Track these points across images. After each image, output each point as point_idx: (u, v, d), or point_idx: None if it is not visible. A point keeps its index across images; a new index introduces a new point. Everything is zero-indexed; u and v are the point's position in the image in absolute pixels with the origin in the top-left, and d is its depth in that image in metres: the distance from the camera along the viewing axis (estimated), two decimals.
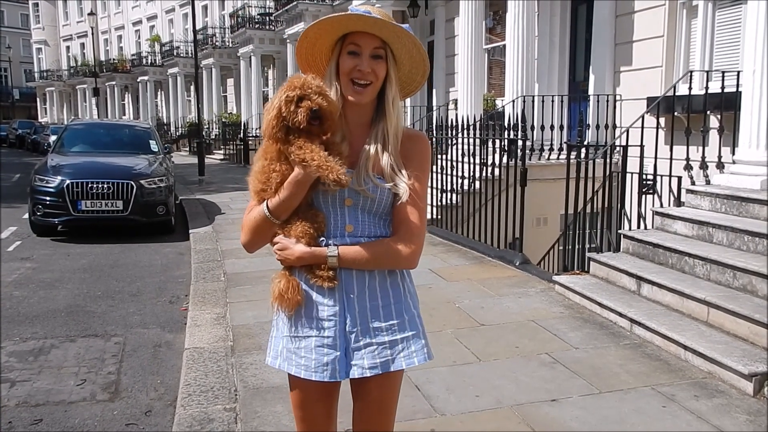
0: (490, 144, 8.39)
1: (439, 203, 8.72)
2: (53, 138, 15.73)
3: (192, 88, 28.20)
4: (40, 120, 47.46)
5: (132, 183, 9.09)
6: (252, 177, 1.86)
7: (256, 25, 23.61)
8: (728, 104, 6.30)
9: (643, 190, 6.35)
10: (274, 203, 1.81)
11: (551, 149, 8.74)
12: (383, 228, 1.87)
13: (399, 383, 1.95)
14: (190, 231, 9.23)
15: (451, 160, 8.47)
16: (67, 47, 49.74)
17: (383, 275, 1.88)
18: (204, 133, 22.99)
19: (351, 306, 1.85)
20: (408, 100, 15.21)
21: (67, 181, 8.91)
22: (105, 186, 8.96)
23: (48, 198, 8.92)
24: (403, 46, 1.84)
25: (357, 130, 1.88)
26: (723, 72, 6.38)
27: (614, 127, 8.87)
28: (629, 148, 6.25)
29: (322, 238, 1.84)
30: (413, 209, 1.85)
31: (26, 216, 9.72)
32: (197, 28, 21.11)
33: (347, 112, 1.87)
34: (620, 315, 4.86)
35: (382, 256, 1.84)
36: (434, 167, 8.84)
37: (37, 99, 54.09)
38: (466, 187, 8.29)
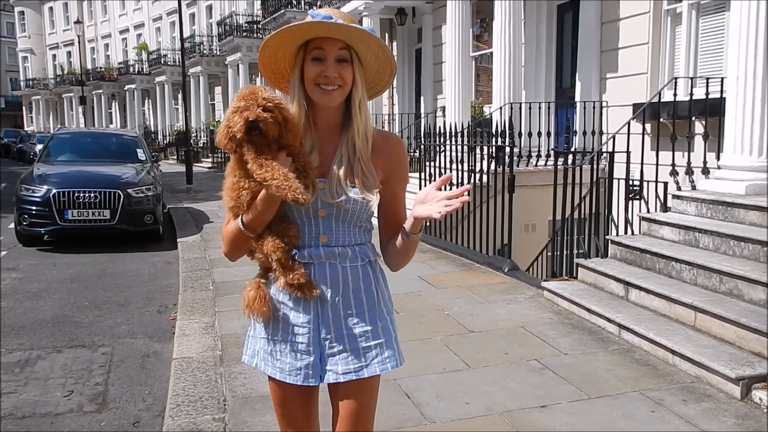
0: (478, 151, 8.43)
1: None
2: (39, 147, 15.63)
3: (179, 96, 28.10)
4: (26, 129, 47.11)
5: (119, 192, 9.04)
6: (224, 193, 1.86)
7: (244, 33, 23.58)
8: (713, 110, 6.36)
9: (630, 195, 6.39)
10: (248, 219, 1.81)
11: (539, 156, 8.79)
12: (358, 235, 1.90)
13: (375, 389, 1.96)
14: (178, 240, 9.19)
15: (439, 167, 8.50)
16: (54, 55, 49.51)
17: (357, 283, 1.89)
18: (192, 141, 22.93)
19: (325, 313, 1.87)
20: (396, 108, 15.35)
21: (54, 191, 8.85)
22: (92, 195, 8.90)
23: (34, 207, 8.85)
24: (368, 48, 1.82)
25: (327, 135, 1.87)
26: (707, 78, 6.45)
27: (601, 133, 8.93)
28: (616, 154, 6.29)
29: (294, 251, 1.85)
30: (401, 221, 1.91)
31: (12, 226, 9.65)
32: (185, 36, 21.08)
33: (315, 117, 1.86)
34: (608, 320, 4.89)
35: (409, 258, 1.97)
36: (422, 174, 8.87)
37: (23, 107, 53.72)
38: None
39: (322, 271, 1.86)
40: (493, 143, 8.13)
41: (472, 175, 8.16)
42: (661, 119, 7.03)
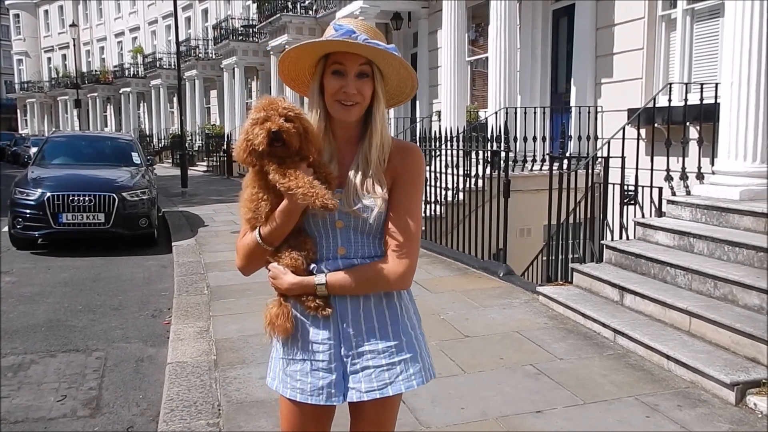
0: (473, 155, 8.43)
1: (423, 215, 8.71)
2: (34, 150, 15.57)
3: (175, 99, 28.08)
4: (20, 132, 46.97)
5: (114, 195, 9.00)
6: (242, 204, 1.84)
7: (240, 37, 23.58)
8: (707, 115, 6.39)
9: (625, 200, 6.40)
10: (266, 232, 1.79)
11: (534, 160, 8.81)
12: (376, 247, 1.84)
13: (397, 405, 1.93)
14: (173, 243, 9.16)
15: (435, 172, 8.50)
16: (49, 58, 49.39)
17: (378, 296, 1.84)
18: (187, 144, 22.88)
19: (345, 330, 1.83)
20: (392, 112, 15.33)
21: (48, 194, 8.81)
22: (86, 198, 8.87)
23: (28, 211, 8.81)
24: (389, 65, 1.80)
25: (345, 147, 1.85)
26: (701, 84, 6.47)
27: (596, 138, 8.96)
28: (611, 159, 6.30)
29: (313, 265, 1.82)
30: (403, 228, 1.81)
31: (6, 229, 9.60)
32: (180, 39, 21.07)
33: (335, 129, 1.83)
34: (604, 325, 4.89)
35: (372, 280, 1.81)
36: None
37: (18, 110, 53.57)
38: (449, 199, 8.32)
39: None
40: (489, 148, 8.15)
41: (468, 179, 8.17)
42: (656, 124, 7.05)
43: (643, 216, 6.25)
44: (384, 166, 1.82)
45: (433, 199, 8.53)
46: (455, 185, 8.21)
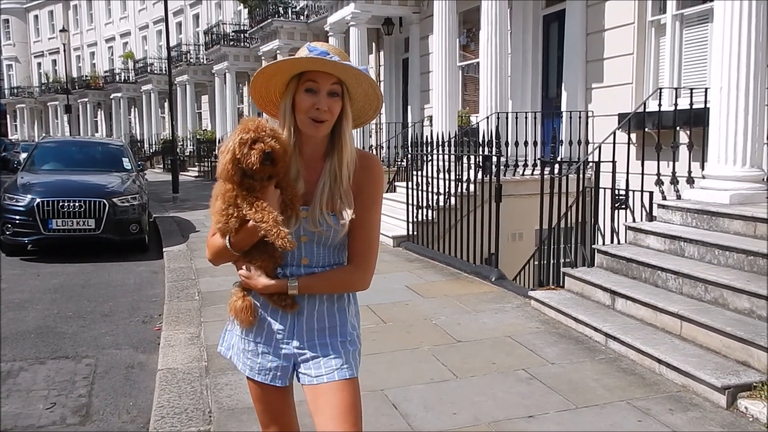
0: (465, 160, 8.45)
1: (414, 219, 8.73)
2: (24, 155, 15.52)
3: (166, 104, 28.00)
4: (10, 137, 46.69)
5: (104, 201, 8.96)
6: (213, 213, 1.95)
7: (231, 42, 23.54)
8: (697, 120, 6.43)
9: (616, 205, 6.43)
10: (234, 241, 1.93)
11: (525, 165, 8.83)
12: (337, 257, 2.00)
13: (355, 390, 1.98)
14: (164, 249, 9.12)
15: (427, 177, 8.50)
16: (39, 64, 49.18)
17: (332, 302, 2.01)
18: (178, 150, 22.81)
19: (300, 324, 1.99)
20: (383, 117, 15.37)
21: (38, 200, 8.76)
22: (76, 204, 8.82)
23: (18, 217, 8.76)
24: (359, 86, 1.93)
25: (311, 163, 1.96)
26: (691, 89, 6.51)
27: (587, 143, 8.99)
28: (602, 163, 6.33)
29: (279, 270, 1.96)
30: (365, 238, 1.97)
31: None
32: (171, 44, 21.03)
33: (302, 146, 1.94)
34: (595, 329, 4.90)
35: (338, 284, 2.00)
36: (410, 183, 8.88)
37: (8, 116, 53.26)
38: (441, 204, 8.33)
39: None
40: (480, 152, 8.16)
41: (459, 184, 8.18)
42: (647, 129, 7.09)
43: (634, 220, 6.28)
44: (350, 182, 1.94)
45: (425, 204, 8.53)
46: (447, 190, 8.22)
